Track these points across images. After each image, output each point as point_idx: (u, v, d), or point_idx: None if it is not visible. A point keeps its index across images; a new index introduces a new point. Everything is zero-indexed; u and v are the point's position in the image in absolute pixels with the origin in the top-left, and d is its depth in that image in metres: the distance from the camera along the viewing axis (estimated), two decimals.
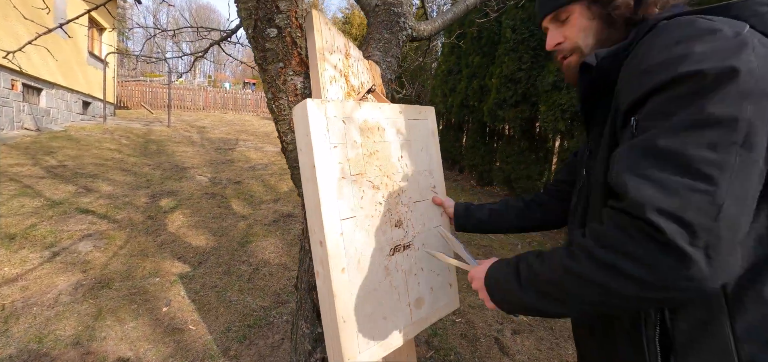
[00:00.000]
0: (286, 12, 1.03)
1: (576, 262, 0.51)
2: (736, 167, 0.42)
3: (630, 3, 0.64)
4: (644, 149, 0.47)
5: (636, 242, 0.45)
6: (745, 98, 0.43)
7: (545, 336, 2.24)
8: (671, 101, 0.47)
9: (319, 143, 0.88)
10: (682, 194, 0.42)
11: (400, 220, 1.01)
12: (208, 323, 2.05)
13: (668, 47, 0.49)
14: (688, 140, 0.44)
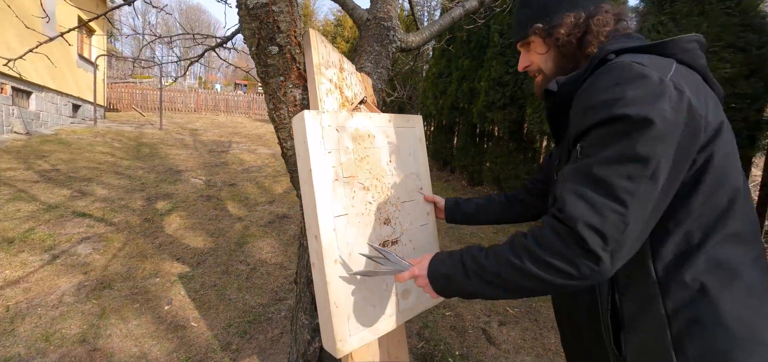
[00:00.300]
0: (286, 32, 1.14)
1: (520, 260, 0.63)
2: (643, 195, 0.56)
3: (573, 41, 0.77)
4: (583, 173, 0.60)
5: (567, 247, 0.58)
6: (657, 142, 0.55)
7: (530, 326, 2.38)
8: (605, 136, 0.60)
9: (315, 148, 1.00)
10: (604, 213, 0.56)
11: (388, 218, 1.13)
12: (209, 320, 2.14)
13: (608, 89, 0.61)
14: (613, 171, 0.57)
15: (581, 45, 0.77)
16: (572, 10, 0.77)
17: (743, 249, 0.63)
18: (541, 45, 0.83)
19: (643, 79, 0.58)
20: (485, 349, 2.13)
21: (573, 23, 0.77)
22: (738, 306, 0.60)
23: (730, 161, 0.63)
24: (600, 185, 0.57)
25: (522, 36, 0.85)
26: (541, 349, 2.17)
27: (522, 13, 0.86)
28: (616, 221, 0.55)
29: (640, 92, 0.57)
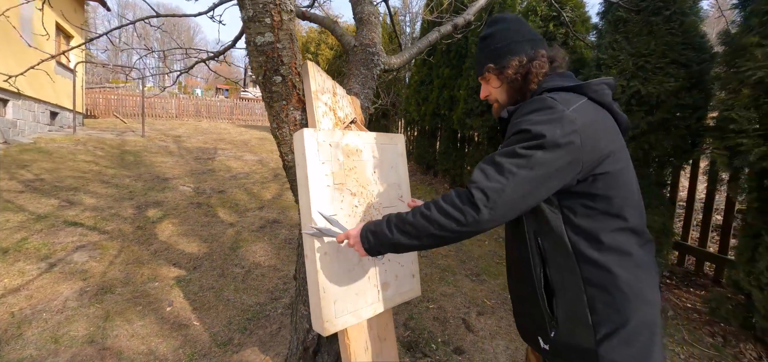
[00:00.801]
0: (288, 64, 1.35)
1: (428, 209, 0.87)
2: (520, 177, 0.79)
3: (519, 79, 0.99)
4: (488, 159, 0.84)
5: (461, 200, 0.82)
6: (541, 149, 0.79)
7: (504, 315, 2.63)
8: (513, 140, 0.83)
9: (311, 159, 1.21)
10: (490, 181, 0.80)
11: (371, 220, 1.35)
12: (210, 319, 2.30)
13: (528, 113, 0.85)
14: (505, 159, 0.81)
15: (526, 81, 0.98)
16: (516, 55, 0.98)
17: (634, 237, 0.86)
18: (495, 80, 1.04)
19: (550, 109, 0.82)
20: (464, 336, 2.36)
21: (517, 65, 0.98)
22: (630, 276, 0.83)
23: (623, 174, 0.86)
24: (494, 165, 0.82)
25: (480, 73, 1.08)
26: (514, 334, 2.42)
27: (479, 55, 1.08)
28: (497, 187, 0.79)
29: (544, 117, 0.81)
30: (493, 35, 1.03)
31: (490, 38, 1.04)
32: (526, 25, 1.04)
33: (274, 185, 5.73)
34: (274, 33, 1.29)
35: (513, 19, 1.04)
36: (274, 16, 1.27)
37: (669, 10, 2.93)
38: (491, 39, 1.04)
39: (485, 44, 1.06)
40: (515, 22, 1.03)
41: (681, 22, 2.91)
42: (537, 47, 0.98)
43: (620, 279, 0.82)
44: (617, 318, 0.82)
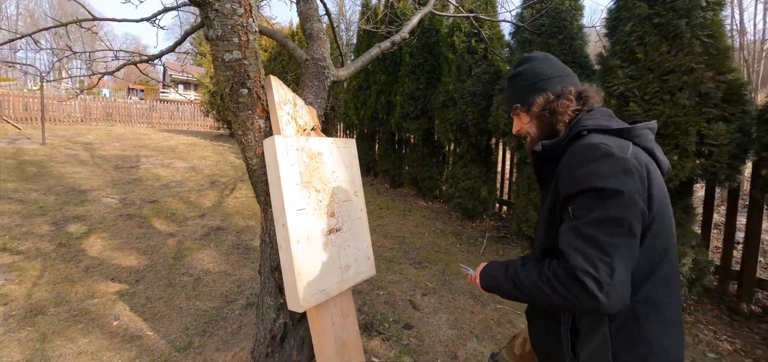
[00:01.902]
0: (253, 78, 1.51)
1: (543, 284, 0.80)
2: (622, 246, 0.72)
3: (546, 115, 0.97)
4: (576, 232, 0.76)
5: (574, 287, 0.73)
6: (626, 207, 0.73)
7: (445, 294, 3.02)
8: (589, 202, 0.76)
9: (283, 162, 1.40)
10: (596, 263, 0.71)
11: (333, 212, 1.58)
12: (165, 327, 2.29)
13: (587, 163, 0.79)
14: (598, 230, 0.73)
15: (553, 117, 0.96)
16: (541, 93, 0.97)
17: (668, 291, 0.82)
18: (524, 116, 1.04)
19: (610, 157, 0.77)
20: (412, 314, 2.68)
21: (543, 103, 0.97)
22: (660, 333, 0.80)
23: (664, 222, 0.81)
24: (588, 241, 0.73)
25: (510, 110, 1.09)
26: (453, 308, 2.81)
27: (508, 94, 1.09)
28: (606, 268, 0.71)
29: (609, 168, 0.76)
30: (520, 74, 1.04)
31: (518, 77, 1.04)
32: (554, 62, 1.02)
33: (213, 193, 5.54)
34: (241, 51, 1.45)
35: (540, 58, 1.03)
36: (241, 36, 1.43)
37: (562, 35, 3.61)
38: (519, 78, 1.04)
39: (513, 83, 1.06)
40: (542, 61, 1.02)
41: (570, 44, 3.61)
42: (565, 83, 0.97)
43: (649, 335, 0.80)
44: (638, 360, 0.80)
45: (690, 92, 2.58)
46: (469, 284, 3.24)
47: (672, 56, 2.64)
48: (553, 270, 0.79)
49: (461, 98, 4.56)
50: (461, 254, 3.95)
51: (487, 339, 2.45)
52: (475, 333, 2.51)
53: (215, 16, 1.38)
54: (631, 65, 2.81)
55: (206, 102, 12.84)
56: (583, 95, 0.95)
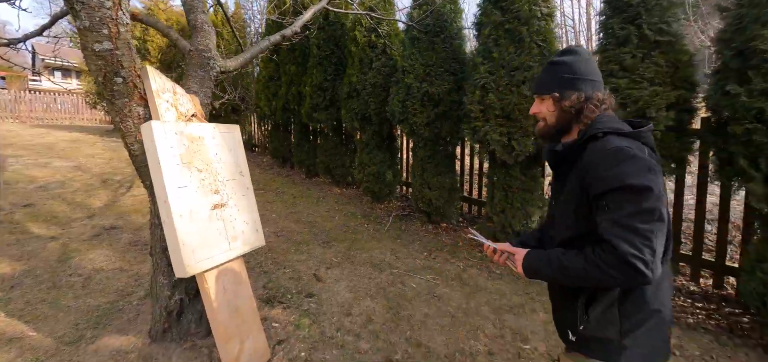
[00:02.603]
0: (127, 68, 1.61)
1: (591, 267, 0.92)
2: (657, 230, 0.87)
3: (572, 111, 1.07)
4: (618, 224, 0.89)
5: (625, 268, 0.87)
6: (656, 199, 0.88)
7: (347, 266, 3.35)
8: (623, 198, 0.89)
9: (160, 144, 1.55)
10: (641, 247, 0.86)
11: (217, 189, 1.77)
12: (49, 326, 2.20)
13: (618, 164, 0.91)
14: (637, 220, 0.87)
15: (578, 115, 1.07)
16: (576, 91, 1.06)
17: (664, 261, 0.95)
18: (551, 105, 1.11)
19: (635, 158, 0.91)
20: (315, 285, 2.96)
21: (575, 100, 1.06)
22: (655, 297, 0.99)
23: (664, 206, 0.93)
24: (631, 230, 0.87)
25: (541, 93, 1.14)
26: (353, 276, 3.15)
27: (545, 78, 1.13)
28: (649, 249, 0.86)
29: (636, 168, 0.90)
30: (563, 64, 1.09)
31: (560, 66, 1.10)
32: (593, 65, 1.09)
33: (105, 192, 5.08)
34: (113, 42, 1.54)
35: (585, 55, 1.10)
36: (111, 28, 1.52)
37: (443, 34, 4.16)
38: (560, 67, 1.09)
39: (553, 69, 1.11)
40: (585, 60, 1.09)
41: (451, 43, 4.18)
42: (596, 89, 1.06)
43: (648, 297, 0.98)
44: (641, 317, 0.98)
45: (530, 84, 3.27)
46: (371, 255, 3.63)
47: (517, 56, 3.30)
48: (600, 257, 0.91)
49: (364, 89, 4.92)
50: (368, 233, 4.34)
51: (379, 297, 2.84)
52: (370, 294, 2.89)
53: (81, 7, 1.45)
54: (489, 62, 3.43)
55: (92, 92, 11.23)
56: (604, 102, 1.06)
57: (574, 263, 0.97)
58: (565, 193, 1.06)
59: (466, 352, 2.29)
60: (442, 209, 4.38)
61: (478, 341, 2.40)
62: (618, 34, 2.81)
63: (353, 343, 2.28)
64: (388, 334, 2.40)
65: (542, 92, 1.13)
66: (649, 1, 2.71)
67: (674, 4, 2.75)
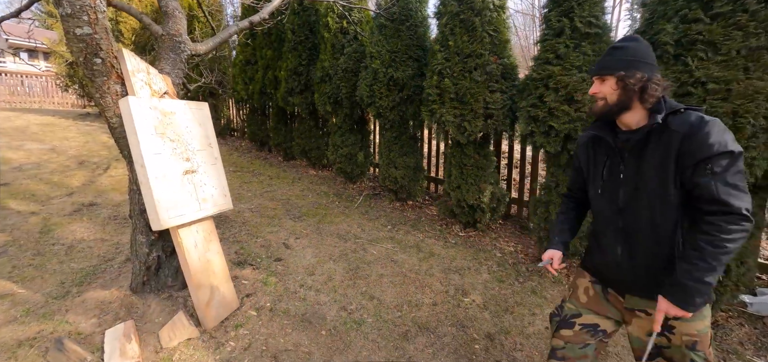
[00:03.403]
0: (105, 50, 1.84)
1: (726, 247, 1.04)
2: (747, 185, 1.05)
3: (636, 89, 1.15)
4: (726, 183, 1.03)
5: (742, 220, 1.04)
6: (742, 159, 1.04)
7: (315, 237, 3.66)
8: (727, 161, 1.04)
9: (137, 116, 1.81)
10: (745, 199, 1.04)
11: (188, 158, 2.05)
12: (37, 285, 2.44)
13: (719, 133, 1.04)
14: (739, 179, 1.04)
15: (641, 94, 1.16)
16: (640, 70, 1.15)
17: None
18: (614, 84, 1.19)
19: (726, 130, 1.06)
20: (284, 251, 3.27)
21: (639, 79, 1.15)
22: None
23: None
24: (737, 187, 1.04)
25: (602, 74, 1.21)
26: (322, 246, 3.47)
27: (610, 59, 1.21)
28: (749, 201, 1.04)
29: (729, 136, 1.05)
30: (626, 48, 1.19)
31: (624, 50, 1.19)
32: (651, 51, 1.19)
33: (82, 173, 5.19)
34: (92, 27, 1.77)
35: (644, 43, 1.20)
36: (90, 15, 1.76)
37: (409, 22, 4.44)
38: (625, 51, 1.18)
39: (616, 52, 1.20)
40: (645, 46, 1.19)
41: (416, 30, 4.47)
42: (654, 72, 1.17)
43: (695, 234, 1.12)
44: None
45: (481, 71, 3.61)
46: (339, 228, 3.95)
47: (470, 44, 3.63)
48: (718, 232, 1.05)
49: (336, 73, 5.17)
50: (338, 210, 4.65)
51: (341, 261, 3.18)
52: (333, 258, 3.22)
53: None
54: (446, 50, 3.75)
55: (64, 74, 10.93)
56: (665, 86, 1.17)
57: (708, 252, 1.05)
58: (652, 166, 1.15)
59: (412, 303, 2.65)
60: (408, 188, 4.73)
61: (425, 295, 2.77)
62: (554, 26, 3.16)
63: (314, 296, 2.62)
64: (346, 290, 2.74)
65: (605, 72, 1.20)
66: None
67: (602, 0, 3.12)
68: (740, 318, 2.73)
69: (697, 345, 1.18)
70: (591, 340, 1.37)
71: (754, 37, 2.24)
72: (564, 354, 1.39)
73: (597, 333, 1.37)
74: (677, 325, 1.20)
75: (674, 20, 2.54)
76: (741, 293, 2.64)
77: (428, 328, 2.41)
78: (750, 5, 2.24)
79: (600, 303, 1.38)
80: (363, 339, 2.24)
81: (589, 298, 1.40)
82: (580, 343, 1.37)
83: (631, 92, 1.16)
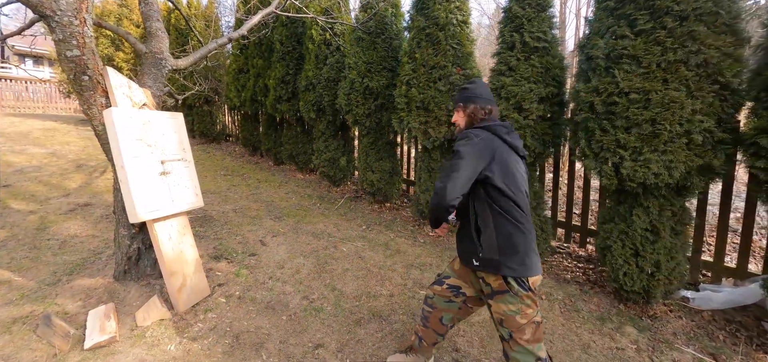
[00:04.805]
0: (92, 69, 2.15)
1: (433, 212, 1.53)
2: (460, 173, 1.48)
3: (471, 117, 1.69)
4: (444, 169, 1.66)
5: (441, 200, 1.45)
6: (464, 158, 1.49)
7: (291, 236, 3.95)
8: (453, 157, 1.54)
9: (118, 123, 2.11)
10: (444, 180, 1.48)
11: (164, 160, 2.34)
12: (32, 274, 2.73)
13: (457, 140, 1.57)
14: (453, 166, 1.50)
15: (472, 119, 1.69)
16: (470, 104, 1.70)
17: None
18: (461, 114, 1.74)
19: (469, 138, 1.50)
20: (260, 248, 3.55)
21: (471, 110, 1.69)
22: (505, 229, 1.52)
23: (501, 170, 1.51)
24: (446, 172, 1.47)
25: (455, 106, 1.79)
26: (296, 243, 3.76)
27: (458, 96, 1.77)
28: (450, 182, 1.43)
29: (466, 143, 1.48)
30: (468, 89, 1.74)
31: (467, 90, 1.74)
32: (487, 91, 1.73)
33: (79, 176, 5.52)
34: (80, 49, 2.08)
35: (482, 84, 1.76)
36: (78, 40, 2.07)
37: (384, 35, 4.76)
38: (467, 91, 1.74)
39: (464, 92, 1.74)
40: (481, 86, 1.74)
41: (390, 43, 4.78)
42: (485, 105, 1.69)
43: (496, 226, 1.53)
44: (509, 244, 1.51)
45: (445, 81, 3.91)
46: (316, 227, 4.23)
47: (435, 56, 3.94)
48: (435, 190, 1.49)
49: (319, 83, 5.49)
50: (318, 211, 4.94)
51: (311, 257, 3.46)
52: (304, 254, 3.50)
53: (56, 25, 1.99)
54: (413, 62, 4.05)
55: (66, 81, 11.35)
56: (490, 112, 1.69)
57: None
58: None
59: (371, 294, 2.93)
60: (385, 190, 5.02)
61: (384, 287, 3.05)
62: (507, 40, 3.46)
63: (280, 287, 2.90)
64: (311, 281, 3.02)
65: (456, 106, 1.77)
66: (530, 13, 3.37)
67: (550, 17, 3.42)
68: (680, 312, 2.98)
69: (503, 322, 1.55)
70: (454, 298, 1.81)
71: (671, 51, 2.52)
72: (433, 302, 1.88)
73: (459, 294, 1.80)
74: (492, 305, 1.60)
75: (606, 36, 2.83)
76: (675, 287, 2.90)
77: (381, 316, 2.68)
78: (667, 23, 2.53)
79: (464, 272, 1.79)
80: (319, 324, 2.52)
81: (459, 268, 1.81)
82: (445, 298, 1.83)
83: (470, 119, 1.69)
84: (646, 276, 2.74)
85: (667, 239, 2.70)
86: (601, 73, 2.83)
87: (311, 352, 2.21)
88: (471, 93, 1.71)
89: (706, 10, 2.41)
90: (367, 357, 2.21)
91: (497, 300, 1.55)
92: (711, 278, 3.23)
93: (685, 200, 2.79)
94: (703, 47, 2.41)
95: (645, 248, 2.71)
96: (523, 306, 1.50)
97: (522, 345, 1.51)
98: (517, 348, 1.52)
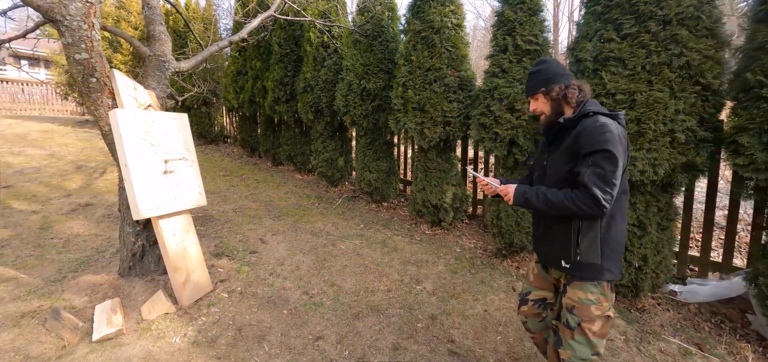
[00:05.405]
0: (100, 71, 2.23)
1: (568, 200, 1.34)
2: (617, 183, 1.31)
3: (559, 99, 1.49)
4: (596, 173, 1.31)
5: (593, 203, 1.31)
6: (618, 161, 1.30)
7: (291, 235, 4.03)
8: (602, 157, 1.30)
9: (123, 125, 2.19)
10: (607, 191, 1.30)
11: (167, 160, 2.42)
12: (38, 272, 2.80)
13: (601, 135, 1.31)
14: (607, 171, 1.29)
15: (564, 100, 1.48)
16: (557, 83, 1.48)
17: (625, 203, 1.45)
18: (543, 99, 1.52)
19: (611, 131, 1.32)
20: (260, 246, 3.63)
21: (558, 90, 1.48)
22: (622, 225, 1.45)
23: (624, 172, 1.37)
24: (603, 179, 1.30)
25: (532, 94, 1.56)
26: (295, 242, 3.84)
27: (533, 81, 1.55)
28: (611, 192, 1.30)
29: (609, 137, 1.31)
30: (539, 71, 1.52)
31: (537, 73, 1.53)
32: (561, 64, 1.51)
33: (80, 176, 5.57)
34: (89, 52, 2.16)
35: (552, 61, 1.53)
36: (87, 43, 2.15)
37: (381, 38, 4.86)
38: (538, 74, 1.53)
39: (534, 76, 1.54)
40: (554, 63, 1.52)
41: (387, 45, 4.88)
42: (570, 79, 1.48)
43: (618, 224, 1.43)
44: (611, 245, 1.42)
45: (440, 83, 4.01)
46: (314, 226, 4.32)
47: (430, 59, 4.04)
48: (578, 194, 1.33)
49: (317, 84, 5.58)
50: (317, 210, 5.02)
51: (311, 254, 3.54)
52: (303, 251, 3.58)
53: (65, 29, 2.07)
54: (409, 64, 4.15)
55: (64, 83, 11.35)
56: (581, 88, 1.47)
57: (555, 197, 1.37)
58: (560, 152, 1.46)
59: (369, 290, 3.02)
60: (382, 190, 5.11)
61: (381, 283, 3.14)
62: (500, 43, 3.57)
63: (280, 283, 2.98)
64: (311, 278, 3.11)
65: (533, 93, 1.55)
66: (522, 17, 3.48)
67: (542, 20, 3.54)
68: (668, 305, 3.09)
69: (575, 309, 1.47)
70: (544, 313, 1.72)
71: (655, 54, 2.63)
72: (528, 326, 1.76)
73: (547, 307, 1.71)
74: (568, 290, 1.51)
75: (594, 39, 2.94)
76: (662, 280, 3.00)
77: (379, 310, 2.76)
78: (652, 27, 2.64)
79: (542, 280, 1.69)
80: (319, 318, 2.60)
81: (535, 276, 1.71)
82: (537, 317, 1.72)
83: (557, 102, 1.49)
84: (634, 269, 2.84)
85: (654, 234, 2.81)
86: (590, 75, 2.94)
87: (312, 344, 2.29)
88: (547, 74, 1.49)
89: (688, 15, 2.52)
90: (365, 348, 2.30)
91: (575, 287, 1.47)
92: (698, 272, 3.34)
93: (670, 196, 2.90)
94: (685, 50, 2.53)
95: (632, 243, 2.81)
96: (602, 297, 1.45)
97: (587, 336, 1.44)
98: (580, 338, 1.45)
